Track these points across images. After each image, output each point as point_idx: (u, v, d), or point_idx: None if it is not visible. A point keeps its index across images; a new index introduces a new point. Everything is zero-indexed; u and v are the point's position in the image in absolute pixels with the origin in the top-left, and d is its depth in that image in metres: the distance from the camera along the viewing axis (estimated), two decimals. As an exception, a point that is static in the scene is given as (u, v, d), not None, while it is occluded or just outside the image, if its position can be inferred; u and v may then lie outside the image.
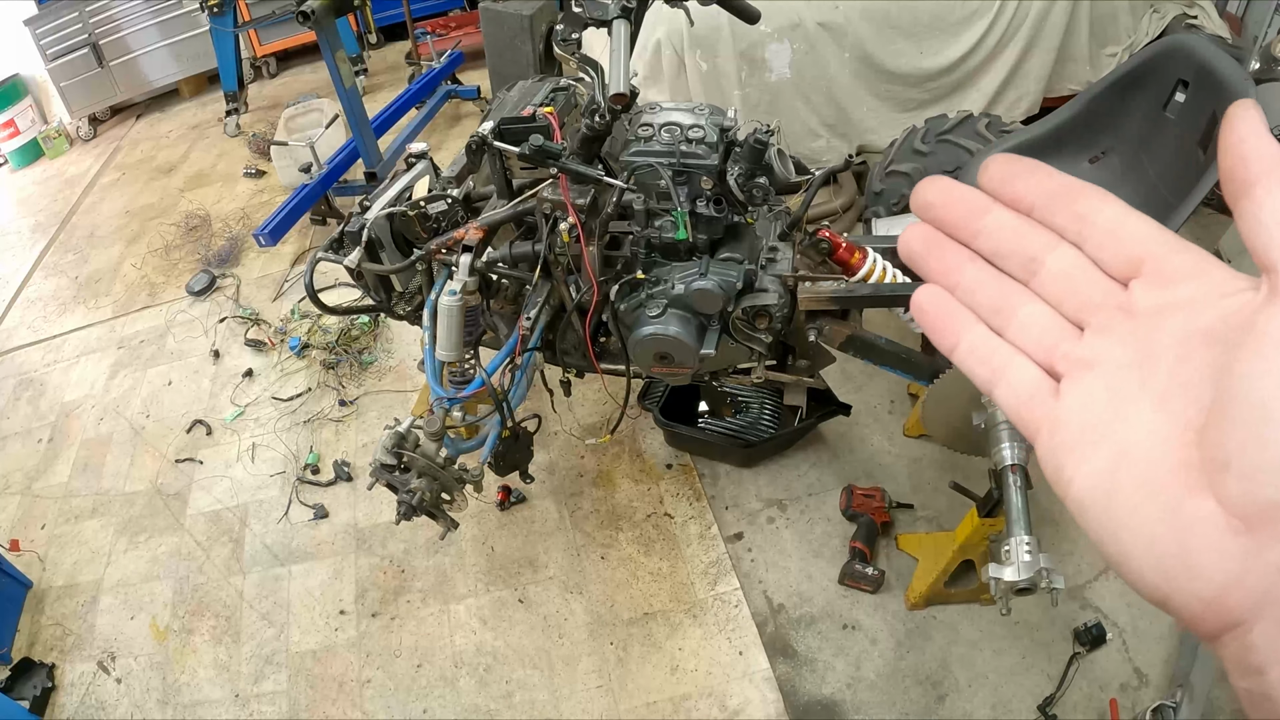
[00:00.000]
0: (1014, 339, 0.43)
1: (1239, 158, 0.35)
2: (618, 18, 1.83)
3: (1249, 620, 0.32)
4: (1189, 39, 2.17)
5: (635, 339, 2.01)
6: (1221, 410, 0.34)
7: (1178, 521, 0.34)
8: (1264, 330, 0.33)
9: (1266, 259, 0.34)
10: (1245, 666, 0.33)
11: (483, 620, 2.72)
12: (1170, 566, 0.34)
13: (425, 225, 2.23)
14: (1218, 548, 0.33)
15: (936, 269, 0.46)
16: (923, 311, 0.46)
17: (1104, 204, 0.41)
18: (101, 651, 2.92)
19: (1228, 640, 0.34)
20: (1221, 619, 0.33)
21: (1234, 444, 0.33)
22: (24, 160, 6.55)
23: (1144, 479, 0.36)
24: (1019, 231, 0.43)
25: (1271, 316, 0.33)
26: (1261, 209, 0.34)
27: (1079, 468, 0.38)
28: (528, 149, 1.82)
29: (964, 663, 2.40)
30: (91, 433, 3.80)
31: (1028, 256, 0.43)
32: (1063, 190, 0.42)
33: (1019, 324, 0.43)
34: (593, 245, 1.98)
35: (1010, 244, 0.43)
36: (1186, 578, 0.34)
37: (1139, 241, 0.40)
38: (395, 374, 3.69)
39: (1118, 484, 0.37)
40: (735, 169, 1.90)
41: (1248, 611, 0.32)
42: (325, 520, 3.14)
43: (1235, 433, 0.33)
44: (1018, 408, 0.42)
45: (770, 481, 2.93)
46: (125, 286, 4.75)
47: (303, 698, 2.66)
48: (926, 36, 3.56)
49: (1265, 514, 0.32)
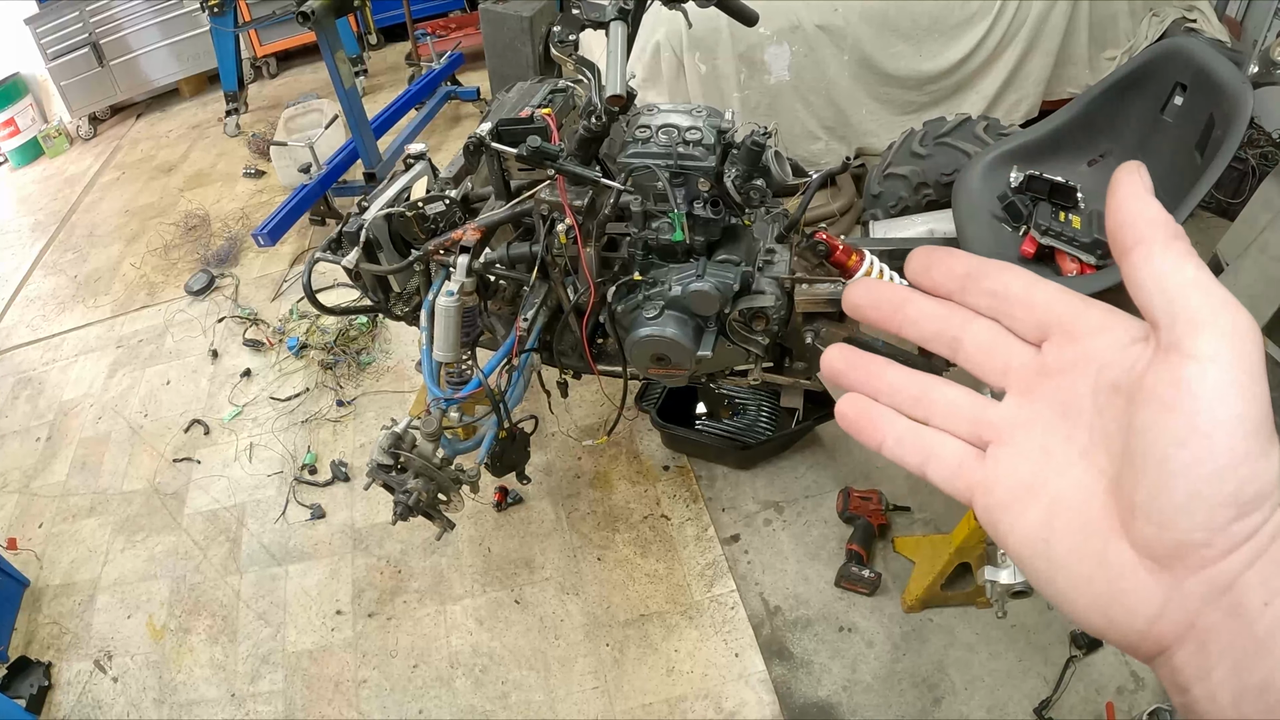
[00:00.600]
0: (940, 421, 0.47)
1: (1120, 222, 0.39)
2: (615, 19, 1.83)
3: (1174, 646, 0.37)
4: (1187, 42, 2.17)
5: (632, 340, 2.01)
6: (1128, 462, 0.37)
7: (1106, 565, 0.38)
8: (1153, 387, 0.36)
9: (1148, 316, 0.38)
10: (1174, 685, 0.37)
11: (479, 621, 2.72)
12: (1104, 605, 0.38)
13: (423, 226, 2.23)
14: (1141, 587, 0.37)
15: (860, 380, 0.50)
16: (846, 418, 0.50)
17: (1012, 278, 0.45)
18: (98, 650, 2.92)
19: (1159, 664, 0.38)
20: (1153, 647, 0.38)
21: (1140, 493, 0.36)
22: (24, 159, 6.56)
23: (1074, 528, 0.40)
24: (937, 316, 0.47)
25: (1158, 374, 0.36)
26: (1138, 271, 0.38)
27: (1015, 522, 0.42)
28: (525, 150, 1.82)
29: (960, 665, 2.40)
30: (89, 431, 3.80)
31: (949, 337, 0.47)
32: (973, 271, 0.46)
33: (941, 408, 0.47)
34: (590, 246, 1.98)
35: (932, 328, 0.47)
36: (1119, 614, 0.38)
37: (1046, 306, 0.43)
38: (393, 374, 3.69)
39: (1052, 534, 0.40)
40: (732, 171, 1.90)
41: (1172, 639, 0.37)
42: (322, 520, 3.14)
43: (1141, 482, 0.36)
44: (951, 479, 0.45)
45: (767, 483, 2.93)
46: (124, 286, 4.75)
47: (299, 697, 2.66)
48: (926, 39, 3.57)
49: (1174, 553, 0.36)
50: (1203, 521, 0.35)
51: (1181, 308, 0.36)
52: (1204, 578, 0.35)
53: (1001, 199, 2.20)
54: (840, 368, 0.51)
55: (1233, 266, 2.72)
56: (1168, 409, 0.35)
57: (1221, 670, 0.35)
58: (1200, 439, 0.34)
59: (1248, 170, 3.31)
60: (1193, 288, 0.36)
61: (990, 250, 2.11)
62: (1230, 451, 0.34)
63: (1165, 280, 0.37)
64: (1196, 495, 0.35)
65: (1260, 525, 0.35)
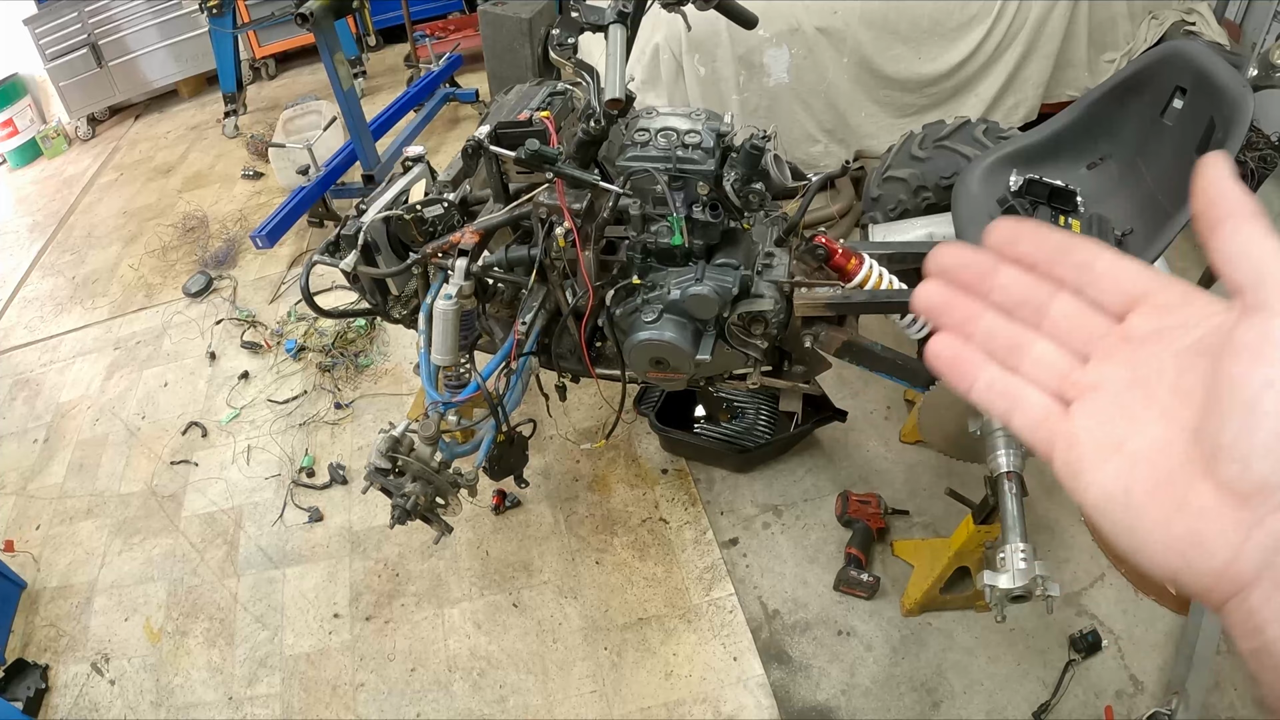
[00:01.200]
0: (1027, 373, 0.49)
1: (1210, 199, 0.42)
2: (614, 23, 1.83)
3: (1249, 586, 0.38)
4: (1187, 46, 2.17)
5: (631, 344, 2.00)
6: (1213, 407, 0.39)
7: (1185, 507, 0.40)
8: (1242, 339, 0.39)
9: (1235, 283, 0.40)
10: (1247, 628, 0.38)
11: (477, 624, 2.72)
12: (1183, 547, 0.40)
13: (421, 229, 2.23)
14: (1220, 525, 0.39)
15: (956, 319, 0.52)
16: (940, 359, 0.52)
17: (1100, 252, 0.48)
18: (95, 653, 2.91)
19: (1232, 607, 0.39)
20: (1227, 588, 0.39)
21: (1226, 435, 0.38)
22: (22, 160, 6.55)
23: (1154, 479, 0.42)
24: (1026, 285, 0.50)
25: (1247, 328, 0.39)
26: (1227, 241, 0.41)
27: (1095, 475, 0.44)
28: (524, 153, 1.82)
29: (959, 669, 2.40)
30: (87, 433, 3.79)
31: (1035, 305, 0.50)
32: (1062, 244, 0.49)
33: (1032, 359, 0.49)
34: (588, 250, 1.98)
35: (1019, 296, 0.50)
36: (1196, 554, 0.39)
37: (1134, 281, 0.47)
38: (391, 377, 3.68)
39: (1132, 485, 0.42)
40: (732, 174, 1.90)
41: (1249, 579, 0.38)
42: (320, 523, 3.13)
43: (1227, 425, 0.38)
44: (1033, 430, 0.48)
45: (766, 487, 2.92)
46: (122, 287, 4.75)
47: (296, 701, 2.65)
48: (925, 42, 3.57)
49: (1258, 490, 0.37)
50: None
51: (1269, 273, 0.39)
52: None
53: (1001, 202, 2.20)
54: (939, 303, 0.53)
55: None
56: (1257, 357, 0.38)
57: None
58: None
59: (1247, 173, 3.30)
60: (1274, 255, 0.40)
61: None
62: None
63: (1253, 249, 0.40)
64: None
65: None
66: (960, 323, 0.52)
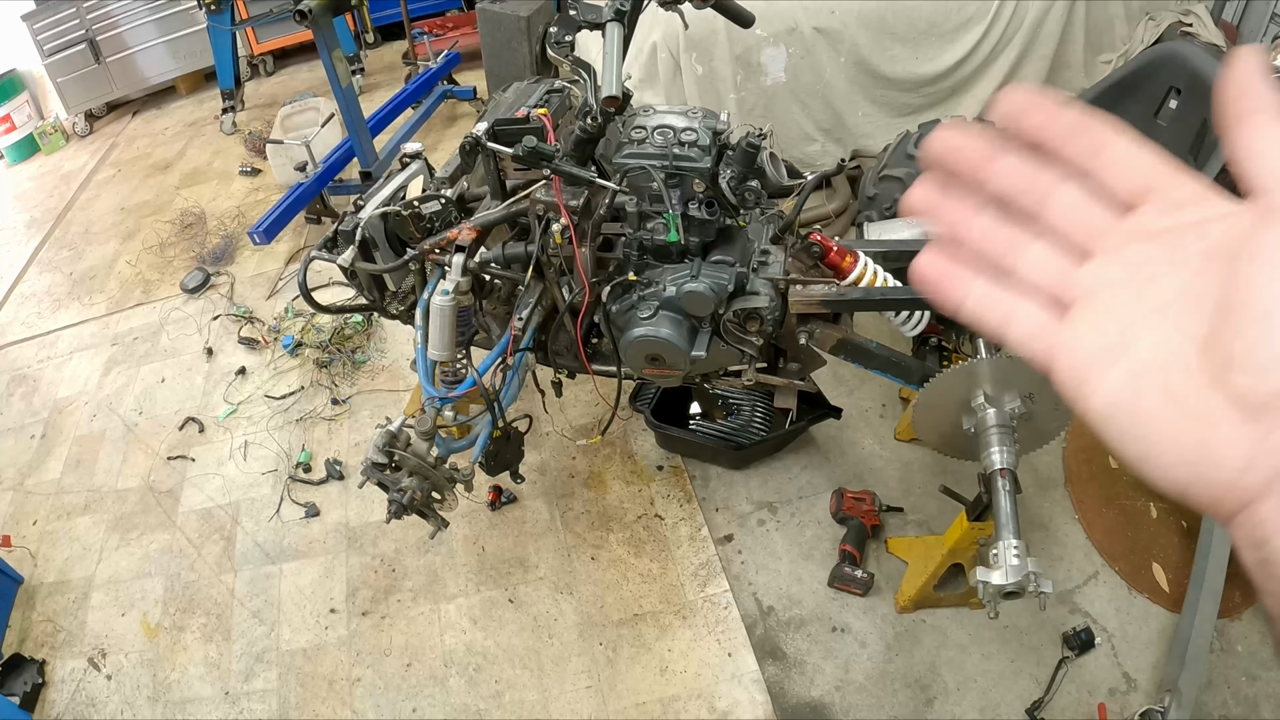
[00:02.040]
0: (1024, 276, 0.46)
1: (1236, 94, 0.39)
2: (611, 20, 1.84)
3: (1258, 500, 0.37)
4: (1181, 47, 2.18)
5: (627, 341, 2.01)
6: (1227, 315, 0.38)
7: (1196, 418, 0.38)
8: (1262, 243, 0.37)
9: (1255, 182, 0.38)
10: (1254, 539, 0.37)
11: (473, 620, 2.72)
12: (1193, 459, 0.38)
13: (419, 225, 2.23)
14: (1232, 437, 0.37)
15: (952, 219, 0.49)
16: (925, 278, 0.49)
17: (1116, 135, 0.44)
18: (92, 648, 2.91)
19: (1240, 522, 0.38)
20: (1237, 499, 0.37)
21: (1240, 345, 0.37)
22: (20, 156, 6.54)
23: (1163, 386, 0.40)
24: (1025, 174, 0.46)
25: (1264, 234, 0.37)
26: (1247, 139, 0.38)
27: (1099, 382, 0.42)
28: (521, 150, 1.83)
29: (953, 666, 2.41)
30: (84, 429, 3.80)
31: (1037, 194, 0.46)
32: (1076, 123, 0.45)
33: (1028, 262, 0.46)
34: (585, 247, 1.98)
35: (1019, 185, 0.46)
36: (1206, 466, 0.38)
37: (1147, 170, 0.43)
38: (388, 373, 3.69)
39: (1139, 392, 0.41)
40: (727, 172, 1.91)
41: (1258, 491, 0.37)
42: (316, 519, 3.14)
43: (1241, 335, 0.37)
44: (1030, 342, 0.46)
45: (761, 484, 2.94)
46: (120, 283, 4.75)
47: (293, 696, 2.66)
48: (922, 42, 3.57)
49: (1270, 402, 0.36)
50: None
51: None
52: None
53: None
54: (933, 202, 0.50)
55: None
56: (1274, 265, 0.36)
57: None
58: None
59: (1241, 175, 3.31)
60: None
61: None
62: None
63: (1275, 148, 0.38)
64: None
65: None
66: (952, 225, 0.49)
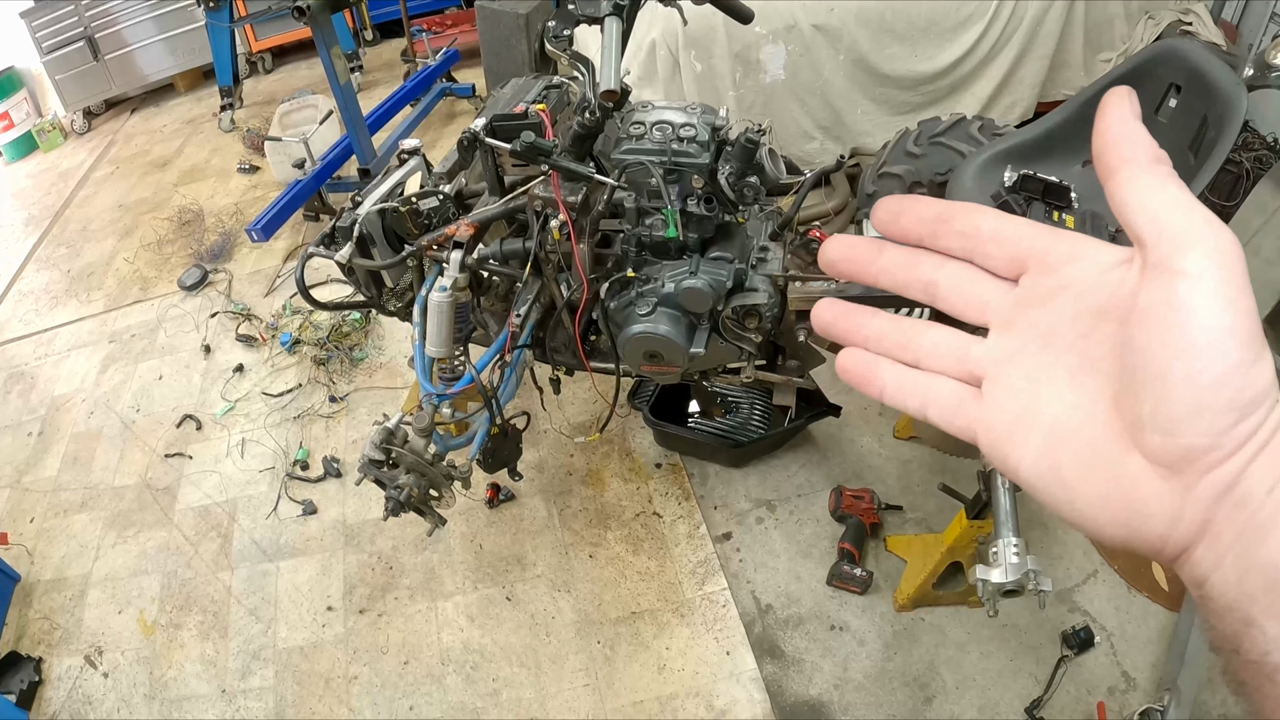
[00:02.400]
0: (929, 366, 0.48)
1: (1107, 142, 0.41)
2: (610, 15, 1.83)
3: (1193, 545, 0.39)
4: (1181, 44, 2.17)
5: (625, 337, 2.01)
6: (1129, 378, 0.39)
7: (1120, 479, 0.40)
8: (1146, 306, 0.38)
9: (1135, 235, 0.39)
10: (1193, 579, 0.39)
11: (470, 618, 2.72)
12: (1124, 518, 0.40)
13: (417, 221, 2.22)
14: (1156, 494, 0.39)
15: (849, 330, 0.51)
16: (846, 371, 0.51)
17: (981, 216, 0.46)
18: (89, 646, 2.91)
19: (1180, 565, 0.40)
20: (1175, 548, 0.40)
21: (1146, 406, 0.38)
22: (18, 153, 6.53)
23: (1081, 449, 0.41)
24: (909, 264, 0.48)
25: (1151, 292, 0.38)
26: (1123, 190, 0.40)
27: (1021, 452, 0.43)
28: (519, 146, 1.82)
29: (951, 665, 2.40)
30: (81, 427, 3.79)
31: (924, 282, 0.48)
32: (942, 214, 0.47)
33: (928, 350, 0.48)
34: (583, 243, 1.98)
35: (905, 276, 0.49)
36: (1139, 523, 0.40)
37: (1018, 240, 0.45)
38: (386, 370, 3.68)
39: (1060, 458, 0.42)
40: (726, 168, 1.91)
41: (1192, 538, 0.39)
42: (314, 516, 3.13)
43: (1145, 395, 0.38)
44: (951, 419, 0.47)
45: (759, 482, 2.93)
46: (117, 281, 4.74)
47: (289, 694, 2.65)
48: (921, 40, 3.57)
49: (1183, 459, 0.38)
50: (1207, 427, 0.37)
51: (1168, 226, 0.38)
52: (1213, 479, 0.38)
53: (995, 198, 2.20)
54: (828, 318, 0.52)
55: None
56: (1165, 325, 0.37)
57: (1232, 556, 0.37)
58: (1198, 350, 0.36)
59: (1242, 173, 3.31)
60: (1177, 207, 0.38)
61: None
62: (1226, 360, 0.36)
63: (1151, 200, 0.39)
64: (1199, 403, 0.37)
65: (1260, 425, 0.37)
66: (853, 330, 0.51)
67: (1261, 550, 0.36)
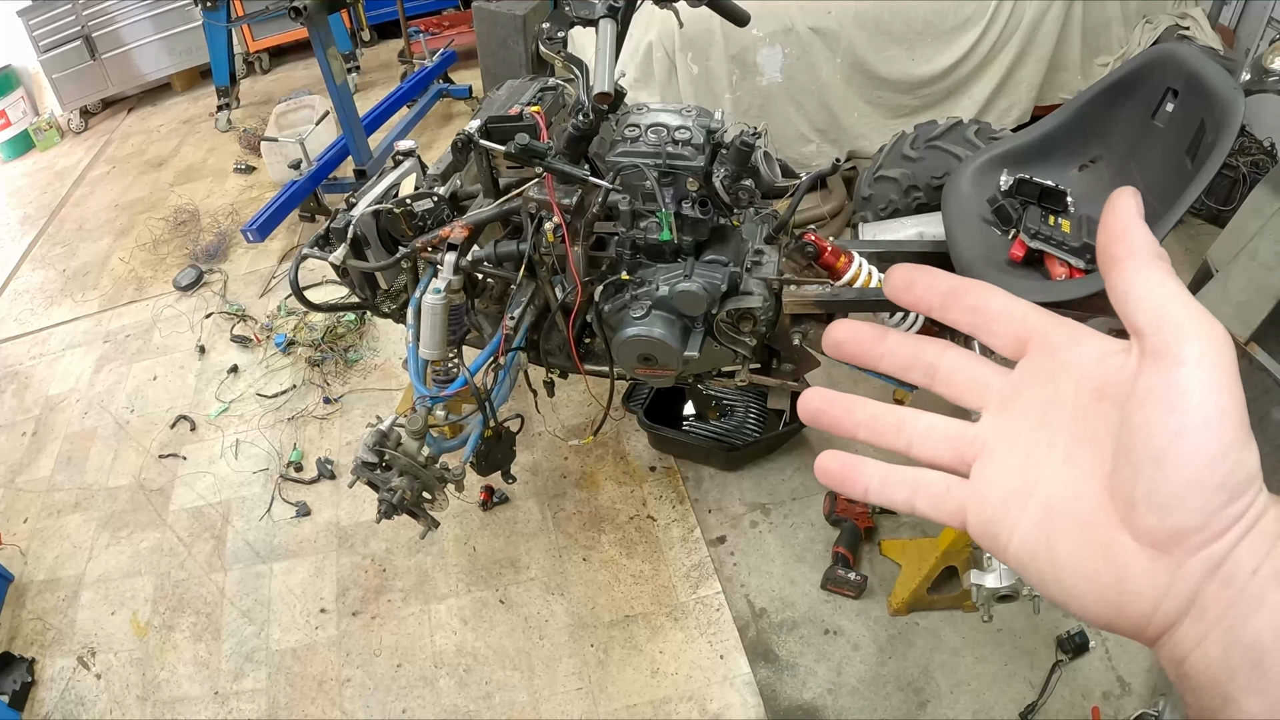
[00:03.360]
0: (920, 449, 0.49)
1: (1113, 237, 0.42)
2: (604, 17, 1.82)
3: (1178, 622, 0.39)
4: (1179, 48, 2.17)
5: (619, 340, 2.00)
6: (1124, 458, 0.40)
7: (1110, 558, 0.40)
8: (1146, 389, 0.39)
9: (1134, 325, 0.41)
10: (1173, 658, 0.40)
11: (463, 620, 2.71)
12: (1113, 597, 0.41)
13: (411, 223, 2.22)
14: (1146, 573, 0.39)
15: (838, 417, 0.51)
16: (828, 472, 0.51)
17: (992, 294, 0.47)
18: (82, 647, 2.90)
19: (1163, 643, 0.40)
20: (1157, 629, 0.40)
21: (1140, 487, 0.39)
22: (14, 152, 6.52)
23: (1072, 527, 0.42)
24: (913, 347, 0.50)
25: (1150, 376, 0.39)
26: (1126, 281, 0.41)
27: (1012, 531, 0.44)
28: (513, 148, 1.81)
29: (946, 669, 2.40)
30: (76, 427, 3.78)
31: (925, 364, 0.49)
32: (955, 288, 0.48)
33: (921, 433, 0.49)
34: (578, 245, 1.97)
35: (908, 358, 0.50)
36: (1125, 603, 0.40)
37: (1024, 321, 0.46)
38: (380, 372, 3.67)
39: (1052, 536, 0.42)
40: (721, 171, 1.90)
41: (1176, 617, 0.39)
42: (307, 518, 3.12)
43: (1140, 476, 0.39)
44: (940, 504, 0.47)
45: (754, 485, 2.92)
46: (113, 280, 4.73)
47: (282, 696, 2.64)
48: (919, 43, 3.57)
49: (1174, 539, 0.38)
50: (1199, 507, 0.38)
51: (1168, 317, 0.39)
52: (1202, 558, 0.38)
53: (991, 202, 2.20)
54: (817, 407, 0.52)
55: (1222, 273, 2.71)
56: (1163, 407, 0.38)
57: (1214, 635, 0.38)
58: (1194, 431, 0.37)
59: (1239, 178, 3.31)
60: (1176, 300, 0.40)
61: (980, 253, 2.10)
62: (1220, 442, 0.37)
63: (1152, 292, 0.40)
64: (1194, 483, 0.38)
65: (1248, 507, 0.38)
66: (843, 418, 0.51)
67: (1246, 627, 0.37)
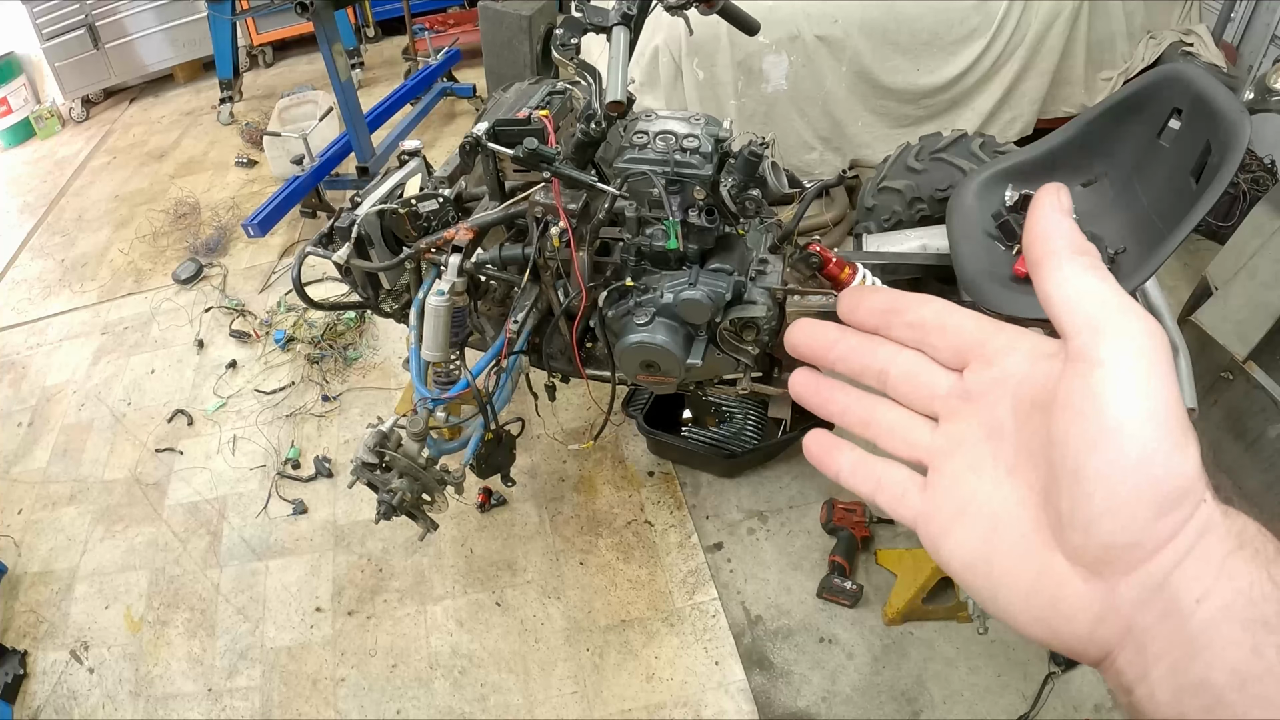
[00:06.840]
0: (885, 444, 0.49)
1: (1034, 237, 0.41)
2: (617, 24, 1.83)
3: (1116, 650, 0.38)
4: (1185, 68, 2.17)
5: (622, 346, 2.00)
6: (1051, 473, 0.38)
7: (1044, 578, 0.39)
8: (1065, 396, 0.37)
9: (1058, 327, 0.39)
10: (1119, 687, 0.38)
11: (459, 622, 2.71)
12: (1046, 617, 0.39)
13: (415, 224, 2.22)
14: (1078, 595, 0.38)
15: (820, 402, 0.52)
16: (810, 452, 0.53)
17: (927, 308, 0.47)
18: (75, 640, 2.89)
19: (1105, 668, 0.39)
20: (1097, 653, 0.38)
21: (1064, 502, 0.37)
22: (15, 139, 6.50)
23: (1011, 544, 0.41)
24: (864, 351, 0.49)
25: (1069, 383, 0.37)
26: (1044, 282, 0.40)
27: (955, 546, 0.43)
28: (522, 152, 1.81)
29: (940, 680, 2.40)
30: (72, 418, 3.77)
31: (877, 370, 0.49)
32: (894, 305, 0.48)
33: (884, 430, 0.49)
34: (583, 251, 1.97)
35: (860, 363, 0.50)
36: (1061, 624, 0.39)
37: (959, 331, 0.46)
38: (380, 371, 3.67)
39: (992, 552, 0.41)
40: (729, 180, 1.90)
41: (1114, 643, 0.37)
42: (304, 516, 3.12)
43: (1063, 492, 0.37)
44: (896, 508, 0.47)
45: (752, 493, 2.93)
46: (111, 272, 4.72)
47: (276, 694, 2.64)
48: (924, 54, 3.58)
49: (1103, 559, 0.37)
50: (1124, 523, 0.35)
51: (1083, 316, 0.37)
52: (1135, 580, 0.36)
53: (995, 217, 2.20)
54: (801, 391, 0.53)
55: (1222, 291, 2.73)
56: (1077, 415, 0.36)
57: (1159, 670, 0.36)
58: (1108, 441, 0.35)
59: (1239, 195, 3.33)
60: (1092, 296, 0.38)
61: (983, 268, 2.11)
62: (1140, 450, 0.35)
63: (1067, 290, 0.38)
64: (1114, 497, 0.35)
65: (1184, 522, 0.35)
66: (822, 404, 0.52)
67: (1194, 667, 0.34)
